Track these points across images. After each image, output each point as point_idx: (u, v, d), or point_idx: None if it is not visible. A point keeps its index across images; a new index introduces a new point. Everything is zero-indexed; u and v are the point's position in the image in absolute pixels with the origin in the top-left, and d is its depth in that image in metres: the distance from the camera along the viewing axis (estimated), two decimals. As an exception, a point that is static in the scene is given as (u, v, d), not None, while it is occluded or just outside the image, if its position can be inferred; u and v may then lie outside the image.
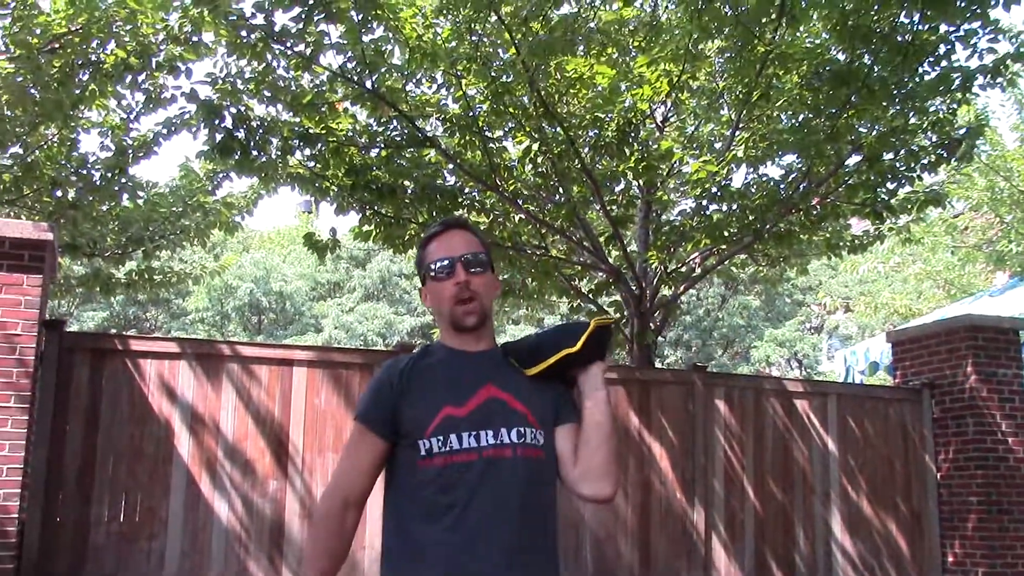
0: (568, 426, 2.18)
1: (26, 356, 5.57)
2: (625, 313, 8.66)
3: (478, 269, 2.17)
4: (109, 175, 8.91)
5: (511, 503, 2.04)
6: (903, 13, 6.72)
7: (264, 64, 7.08)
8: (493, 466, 2.05)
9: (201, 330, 27.35)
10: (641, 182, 8.11)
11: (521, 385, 2.16)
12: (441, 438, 2.05)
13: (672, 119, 9.14)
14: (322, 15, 6.66)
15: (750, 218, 7.70)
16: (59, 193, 8.99)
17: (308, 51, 7.01)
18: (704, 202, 8.06)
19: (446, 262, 2.16)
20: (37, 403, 5.78)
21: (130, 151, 8.92)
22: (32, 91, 7.83)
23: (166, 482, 6.10)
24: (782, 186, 7.85)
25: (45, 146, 8.98)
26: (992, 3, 6.44)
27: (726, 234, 7.84)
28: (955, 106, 7.56)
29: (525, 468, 2.08)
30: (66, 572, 5.80)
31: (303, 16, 6.65)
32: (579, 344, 2.16)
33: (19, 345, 5.56)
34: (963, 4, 6.40)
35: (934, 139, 7.60)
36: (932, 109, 7.49)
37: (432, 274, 2.17)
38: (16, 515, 5.44)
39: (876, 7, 6.73)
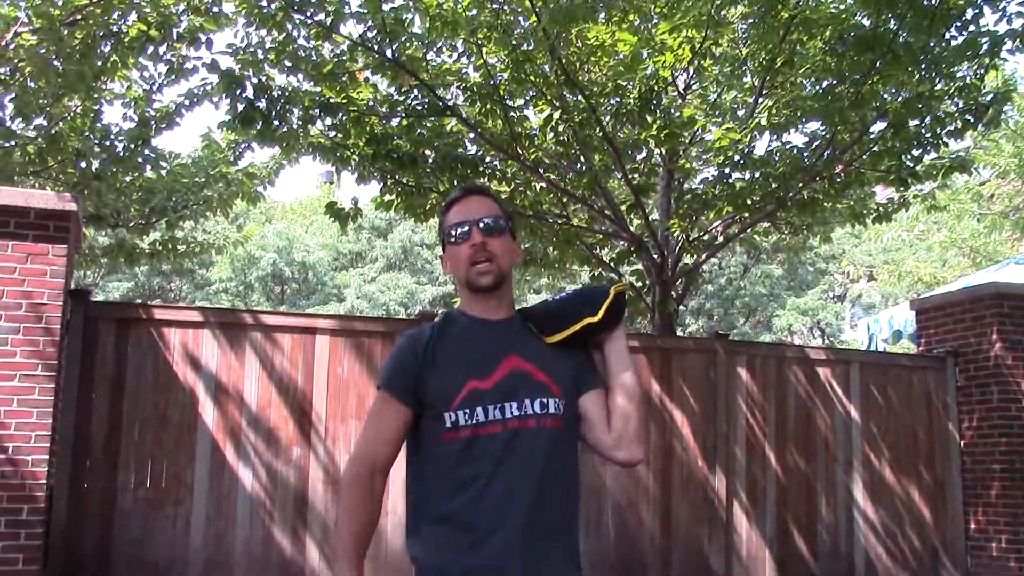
0: (595, 392, 2.20)
1: (52, 325, 5.64)
2: (647, 282, 8.64)
3: (494, 232, 2.17)
4: (132, 146, 8.95)
5: (533, 473, 2.06)
6: (930, -24, 6.63)
7: (284, 34, 7.07)
8: (517, 437, 2.07)
9: (225, 300, 27.53)
10: (663, 150, 8.07)
11: (543, 353, 2.17)
12: (467, 411, 2.07)
13: (694, 86, 9.07)
14: (342, -17, 6.65)
15: (773, 186, 7.65)
16: (83, 164, 9.05)
17: (328, 20, 6.99)
18: (727, 170, 8.00)
19: (465, 227, 2.16)
20: (63, 371, 5.86)
21: (153, 122, 8.96)
22: (55, 63, 7.86)
23: (191, 449, 6.17)
24: (806, 153, 7.78)
25: (68, 118, 9.03)
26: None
27: (749, 202, 7.79)
28: (983, 71, 7.44)
29: (547, 438, 2.10)
30: (94, 537, 5.90)
31: (323, -15, 6.64)
32: (600, 314, 2.17)
33: (45, 314, 5.62)
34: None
35: (961, 105, 7.50)
36: (959, 74, 7.39)
37: (451, 239, 2.18)
38: (44, 481, 5.53)
39: (902, -30, 6.63)
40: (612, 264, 8.99)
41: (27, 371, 5.54)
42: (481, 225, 2.16)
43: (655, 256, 8.23)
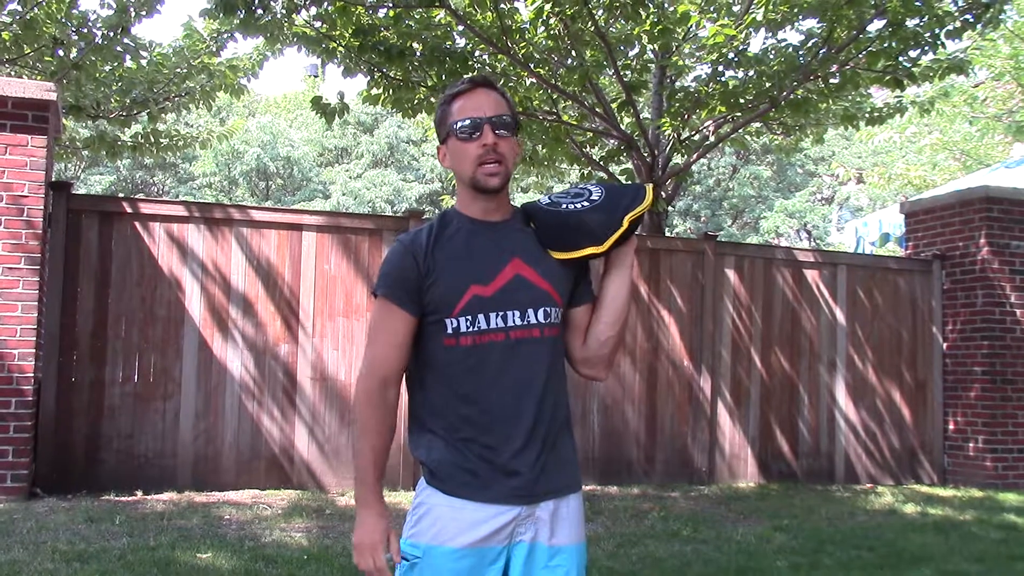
0: (586, 306, 2.17)
1: (34, 217, 5.55)
2: (636, 181, 8.56)
3: (505, 132, 2.08)
4: (111, 34, 8.68)
5: (535, 382, 2.04)
6: None
7: (267, -83, 6.80)
8: (519, 346, 2.04)
9: (209, 195, 27.29)
10: (656, 46, 7.88)
11: (545, 258, 2.11)
12: (469, 318, 2.02)
13: (690, -20, 8.81)
14: None
15: (767, 85, 7.52)
16: (61, 53, 8.78)
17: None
18: (720, 68, 7.85)
19: (475, 123, 2.07)
20: (47, 265, 5.79)
21: (132, 8, 8.65)
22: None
23: (178, 344, 6.17)
24: (801, 52, 7.63)
25: (44, 3, 8.72)
26: None
27: (742, 101, 7.67)
28: (984, -33, 7.25)
29: (548, 347, 2.07)
30: (83, 431, 5.92)
31: None
32: (605, 246, 2.09)
33: (26, 206, 5.53)
34: None
35: (960, 3, 7.34)
36: (960, -29, 7.20)
37: (459, 134, 2.09)
38: (32, 374, 5.52)
39: None
40: (602, 163, 8.88)
41: (10, 264, 5.48)
42: (492, 123, 2.08)
43: (645, 155, 8.13)
